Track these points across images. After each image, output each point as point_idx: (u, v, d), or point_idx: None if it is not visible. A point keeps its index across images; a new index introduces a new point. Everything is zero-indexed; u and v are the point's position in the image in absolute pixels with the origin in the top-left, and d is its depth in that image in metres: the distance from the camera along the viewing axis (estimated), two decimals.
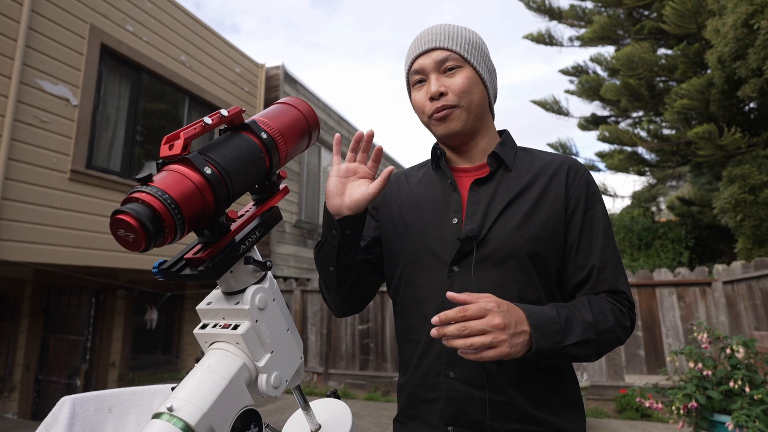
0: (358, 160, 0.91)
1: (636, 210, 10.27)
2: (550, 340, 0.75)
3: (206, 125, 0.56)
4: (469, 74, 0.93)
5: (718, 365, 3.13)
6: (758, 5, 5.75)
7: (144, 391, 1.47)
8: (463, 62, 0.93)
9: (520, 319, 0.74)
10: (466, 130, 0.95)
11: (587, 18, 10.32)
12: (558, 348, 0.76)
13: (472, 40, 0.96)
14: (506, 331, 0.70)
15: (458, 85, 0.92)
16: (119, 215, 0.47)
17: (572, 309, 0.82)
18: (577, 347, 0.78)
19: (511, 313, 0.73)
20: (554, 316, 0.78)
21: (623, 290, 0.88)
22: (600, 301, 0.86)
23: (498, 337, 0.69)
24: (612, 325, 0.83)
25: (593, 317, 0.81)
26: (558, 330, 0.77)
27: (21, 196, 4.07)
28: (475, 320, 0.69)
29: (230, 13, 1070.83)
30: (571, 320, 0.79)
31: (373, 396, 5.94)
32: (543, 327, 0.75)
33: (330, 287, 0.96)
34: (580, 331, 0.78)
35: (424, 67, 0.94)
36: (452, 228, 0.91)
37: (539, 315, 0.77)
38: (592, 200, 0.92)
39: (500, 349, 0.70)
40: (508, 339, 0.70)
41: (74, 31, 4.65)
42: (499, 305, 0.72)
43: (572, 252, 0.90)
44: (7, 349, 4.91)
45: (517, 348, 0.72)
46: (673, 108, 7.74)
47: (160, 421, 0.48)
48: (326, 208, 0.88)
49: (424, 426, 0.90)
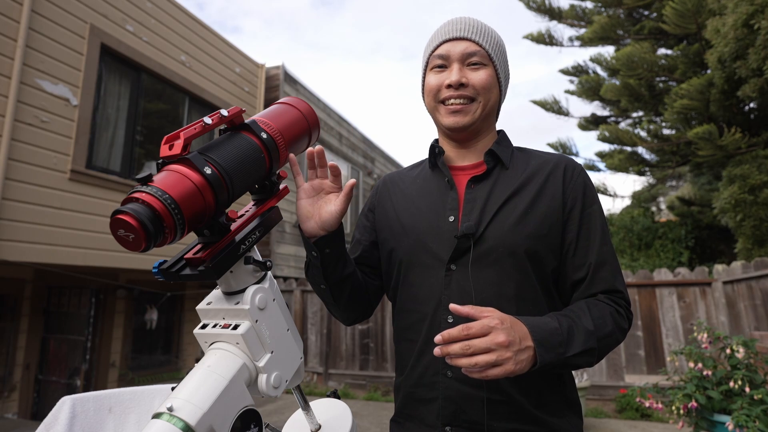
0: (319, 177, 0.87)
1: (636, 210, 10.27)
2: (553, 353, 0.75)
3: (206, 125, 0.56)
4: (491, 73, 0.94)
5: (718, 365, 3.13)
6: (758, 5, 5.75)
7: (144, 391, 1.46)
8: (488, 61, 0.94)
9: (524, 335, 0.73)
10: (474, 126, 0.95)
11: (587, 18, 10.32)
12: (562, 360, 0.76)
13: (499, 43, 0.97)
14: (511, 348, 0.69)
15: (481, 80, 0.92)
16: (119, 215, 0.47)
17: (573, 318, 0.82)
18: (580, 357, 0.78)
19: (515, 330, 0.72)
20: (557, 328, 0.77)
21: (620, 289, 0.88)
22: (599, 305, 0.85)
23: (503, 354, 0.68)
24: (611, 330, 0.83)
25: (594, 325, 0.81)
26: (561, 342, 0.76)
27: (21, 196, 4.07)
28: (478, 338, 0.68)
29: (233, 15, 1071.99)
30: (573, 330, 0.79)
31: (373, 396, 5.94)
32: (546, 341, 0.75)
33: (328, 303, 0.96)
34: (582, 341, 0.78)
35: (450, 54, 0.94)
36: (449, 226, 0.91)
37: (542, 329, 0.76)
38: (589, 199, 0.92)
39: (505, 366, 0.69)
40: (513, 356, 0.69)
41: (74, 31, 4.65)
42: (502, 321, 0.71)
43: (570, 251, 0.89)
44: (7, 349, 4.91)
45: (522, 365, 0.71)
46: (673, 108, 7.74)
47: (160, 421, 0.48)
48: (301, 231, 0.86)
49: (421, 426, 0.89)
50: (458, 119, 0.94)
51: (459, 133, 0.96)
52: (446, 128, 0.97)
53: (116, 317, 5.82)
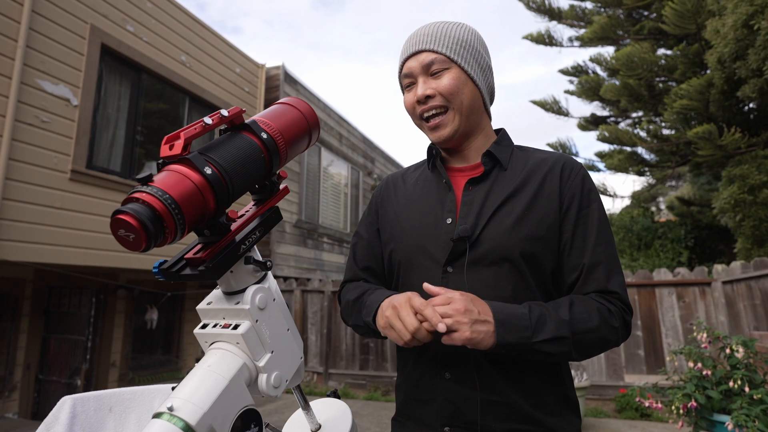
0: None
1: (635, 210, 10.28)
2: (515, 335, 0.77)
3: (206, 125, 0.57)
4: (456, 75, 0.92)
5: (717, 365, 3.13)
6: (758, 6, 5.75)
7: (144, 391, 1.47)
8: (449, 63, 0.92)
9: (485, 311, 0.77)
10: (458, 133, 0.94)
11: (587, 18, 10.32)
12: (527, 343, 0.77)
13: (460, 39, 0.93)
14: (467, 315, 0.74)
15: (445, 86, 0.91)
16: (119, 215, 0.47)
17: (547, 307, 0.82)
18: (550, 343, 0.78)
19: (475, 304, 0.77)
20: (524, 313, 0.79)
21: (615, 290, 0.86)
22: (586, 300, 0.84)
23: (459, 320, 0.74)
24: (596, 325, 0.81)
25: (570, 316, 0.80)
26: (527, 326, 0.78)
27: (21, 196, 4.08)
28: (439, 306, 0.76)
29: (233, 15, 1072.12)
30: (545, 318, 0.79)
31: (373, 396, 5.94)
32: (508, 322, 0.77)
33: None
34: (552, 328, 0.78)
35: (412, 71, 0.94)
36: (446, 228, 0.91)
37: (506, 310, 0.79)
38: (587, 198, 0.91)
39: (462, 332, 0.74)
40: (469, 324, 0.74)
41: (74, 31, 4.65)
42: (463, 294, 0.77)
43: (566, 251, 0.89)
44: (7, 349, 4.91)
45: (480, 336, 0.75)
46: (673, 108, 7.74)
47: (160, 420, 0.48)
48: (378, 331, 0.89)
49: (420, 426, 0.90)
50: (439, 133, 0.94)
51: (447, 144, 0.97)
52: (435, 143, 0.99)
53: (116, 317, 5.82)
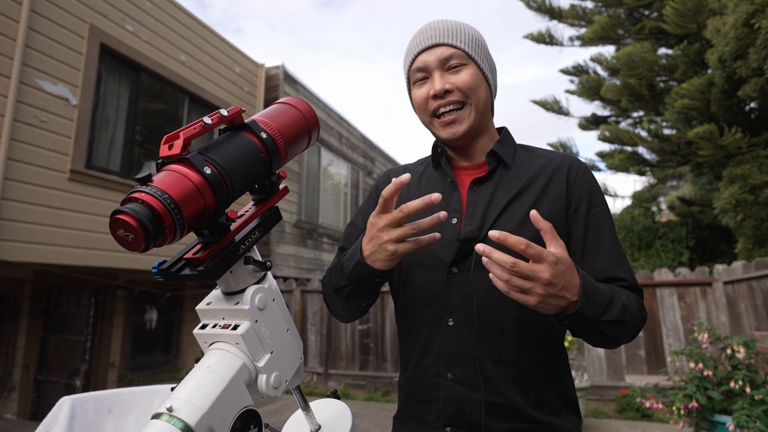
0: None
1: (636, 210, 10.27)
2: (592, 310, 0.73)
3: (206, 125, 0.56)
4: (474, 71, 0.91)
5: (718, 365, 3.13)
6: (759, 5, 5.75)
7: (143, 391, 1.46)
8: (468, 59, 0.91)
9: (569, 286, 0.70)
10: (472, 130, 0.93)
11: (587, 18, 10.32)
12: (595, 320, 0.74)
13: (475, 37, 0.93)
14: (547, 288, 0.67)
15: (465, 82, 0.89)
16: (119, 215, 0.47)
17: (613, 289, 0.81)
18: (611, 325, 0.77)
19: (564, 277, 0.69)
20: (603, 290, 0.77)
21: (639, 287, 0.88)
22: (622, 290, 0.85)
23: (536, 288, 0.67)
24: (636, 313, 0.82)
25: (628, 301, 0.81)
26: (602, 304, 0.75)
27: (21, 196, 4.07)
28: (529, 263, 0.66)
29: (235, 17, 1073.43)
30: (614, 299, 0.78)
31: (373, 396, 5.94)
32: (593, 295, 0.73)
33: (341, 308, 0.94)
34: (618, 311, 0.77)
35: (428, 64, 0.91)
36: (451, 228, 0.90)
37: (594, 285, 0.75)
38: (595, 199, 0.90)
39: (529, 297, 0.67)
40: (544, 296, 0.67)
41: (74, 30, 4.65)
42: (559, 263, 0.68)
43: (578, 252, 0.88)
44: (6, 350, 4.91)
45: (547, 308, 0.69)
46: (674, 108, 7.74)
47: (159, 421, 0.48)
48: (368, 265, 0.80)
49: (422, 425, 0.90)
50: (454, 130, 0.91)
51: (458, 142, 0.94)
52: (444, 141, 0.95)
53: (116, 317, 5.82)
